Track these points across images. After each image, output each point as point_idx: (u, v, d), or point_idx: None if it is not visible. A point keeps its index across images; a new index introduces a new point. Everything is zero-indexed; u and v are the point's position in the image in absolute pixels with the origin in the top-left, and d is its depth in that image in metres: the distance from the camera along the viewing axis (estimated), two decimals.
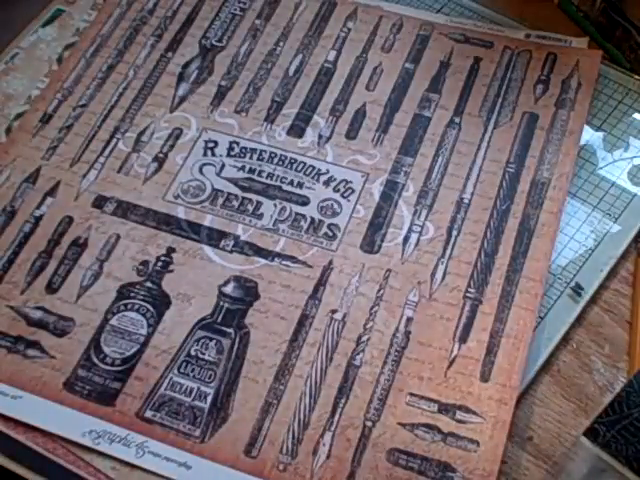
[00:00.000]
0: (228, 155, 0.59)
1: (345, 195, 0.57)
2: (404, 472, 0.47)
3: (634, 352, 0.51)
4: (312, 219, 0.56)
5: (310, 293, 0.53)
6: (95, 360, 0.51)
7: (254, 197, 0.57)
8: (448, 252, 0.54)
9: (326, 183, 0.57)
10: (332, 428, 0.49)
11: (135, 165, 0.59)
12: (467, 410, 0.49)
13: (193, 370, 0.51)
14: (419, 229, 0.55)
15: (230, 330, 0.52)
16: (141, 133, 0.60)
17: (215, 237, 0.55)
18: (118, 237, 0.56)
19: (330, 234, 0.55)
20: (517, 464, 0.49)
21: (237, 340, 0.51)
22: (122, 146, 0.60)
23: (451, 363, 0.50)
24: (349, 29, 0.65)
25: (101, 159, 0.59)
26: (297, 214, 0.56)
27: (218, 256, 0.55)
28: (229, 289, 0.53)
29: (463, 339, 0.51)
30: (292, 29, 0.65)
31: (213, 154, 0.59)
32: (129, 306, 0.53)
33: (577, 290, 0.53)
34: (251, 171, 0.58)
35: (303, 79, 0.62)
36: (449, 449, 0.48)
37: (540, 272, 0.53)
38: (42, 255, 0.55)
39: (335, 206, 0.56)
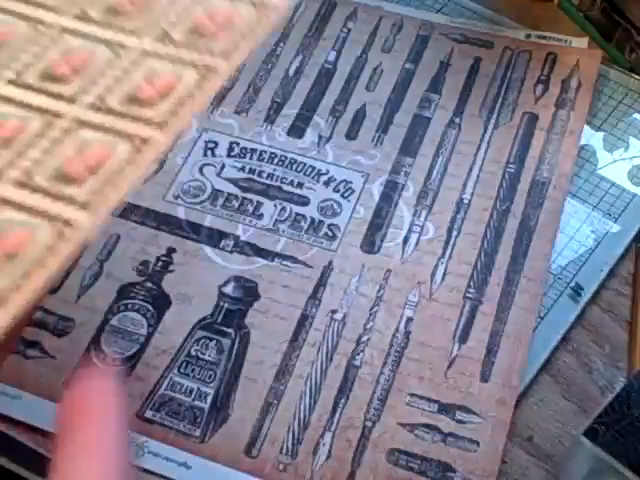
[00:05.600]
0: (228, 155, 0.59)
1: (345, 195, 0.57)
2: (404, 472, 0.47)
3: (634, 352, 0.51)
4: (312, 219, 0.56)
5: (310, 293, 0.53)
6: (95, 360, 0.51)
7: (254, 197, 0.57)
8: (448, 252, 0.54)
9: (326, 183, 0.57)
10: (332, 428, 0.49)
11: None
12: (467, 410, 0.49)
13: (193, 370, 0.51)
14: (419, 229, 0.55)
15: (230, 330, 0.52)
16: None
17: (215, 237, 0.55)
18: (118, 237, 0.56)
19: (330, 234, 0.55)
20: (517, 464, 0.49)
21: (237, 340, 0.51)
22: None
23: (451, 363, 0.50)
24: (349, 29, 0.65)
25: None
26: (297, 214, 0.56)
27: (218, 256, 0.55)
28: (229, 289, 0.53)
29: (463, 339, 0.51)
30: (292, 29, 0.65)
31: (213, 154, 0.59)
32: (129, 306, 0.53)
33: (577, 290, 0.53)
34: (251, 171, 0.58)
35: (303, 80, 0.62)
36: (449, 449, 0.48)
37: (540, 272, 0.53)
38: None
39: (335, 206, 0.56)
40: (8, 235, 0.24)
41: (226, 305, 0.53)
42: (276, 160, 0.59)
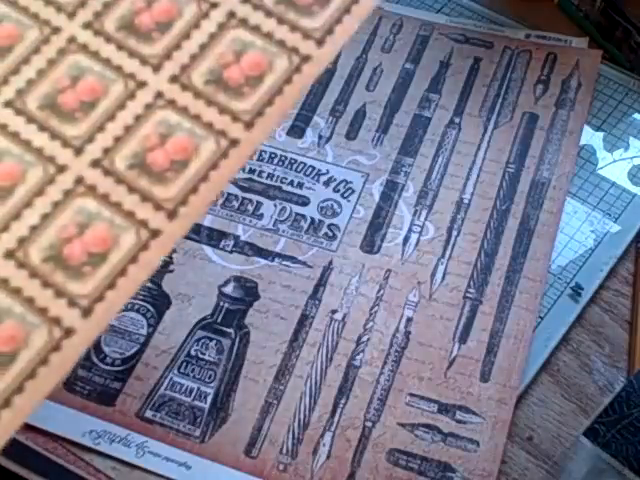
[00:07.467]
0: None
1: (345, 195, 0.57)
2: (404, 472, 0.47)
3: (634, 352, 0.51)
4: (312, 219, 0.56)
5: (310, 293, 0.53)
6: (95, 360, 0.51)
7: (254, 197, 0.57)
8: (448, 252, 0.54)
9: (326, 183, 0.57)
10: (332, 428, 0.49)
11: None
12: (467, 410, 0.49)
13: (193, 370, 0.51)
14: (419, 229, 0.55)
15: (230, 330, 0.52)
16: None
17: (215, 237, 0.55)
18: None
19: (330, 234, 0.55)
20: (517, 464, 0.49)
21: (237, 340, 0.51)
22: None
23: (451, 363, 0.50)
24: None
25: None
26: (297, 214, 0.56)
27: (218, 256, 0.55)
28: (229, 289, 0.53)
29: (463, 339, 0.51)
30: None
31: None
32: (129, 306, 0.53)
33: (577, 290, 0.53)
34: (251, 171, 0.58)
35: None
36: (449, 449, 0.48)
37: (540, 272, 0.53)
38: None
39: (335, 206, 0.57)
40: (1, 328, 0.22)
41: (226, 305, 0.53)
42: (276, 160, 0.59)
